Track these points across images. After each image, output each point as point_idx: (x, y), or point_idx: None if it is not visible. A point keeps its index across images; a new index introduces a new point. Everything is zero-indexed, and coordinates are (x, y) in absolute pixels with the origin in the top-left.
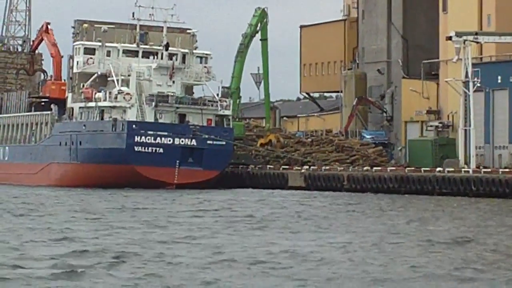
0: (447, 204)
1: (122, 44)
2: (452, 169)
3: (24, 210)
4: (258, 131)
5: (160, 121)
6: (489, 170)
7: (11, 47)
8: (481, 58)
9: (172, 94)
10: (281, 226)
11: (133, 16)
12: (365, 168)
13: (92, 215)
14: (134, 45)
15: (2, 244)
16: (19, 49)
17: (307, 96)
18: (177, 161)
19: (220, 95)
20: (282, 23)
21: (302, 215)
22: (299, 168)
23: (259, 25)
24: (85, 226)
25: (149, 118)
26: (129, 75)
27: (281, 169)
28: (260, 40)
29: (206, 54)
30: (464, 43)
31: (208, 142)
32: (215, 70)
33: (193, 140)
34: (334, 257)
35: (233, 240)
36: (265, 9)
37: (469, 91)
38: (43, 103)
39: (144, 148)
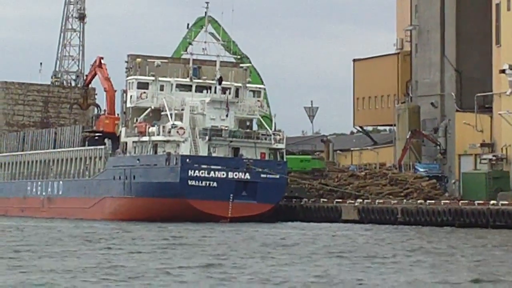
0: None
1: (176, 79)
2: (506, 202)
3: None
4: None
5: (213, 155)
6: None
7: (64, 82)
8: None
9: (225, 128)
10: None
11: (186, 50)
12: (419, 201)
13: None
14: (188, 79)
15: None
16: (73, 84)
17: (360, 129)
18: (231, 195)
19: (273, 129)
20: (336, 57)
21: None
22: (352, 201)
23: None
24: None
25: (203, 152)
26: (182, 109)
27: (334, 202)
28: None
29: (260, 88)
30: None
31: (262, 175)
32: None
33: (247, 174)
34: None
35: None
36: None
37: None
38: (96, 138)
39: (198, 182)
